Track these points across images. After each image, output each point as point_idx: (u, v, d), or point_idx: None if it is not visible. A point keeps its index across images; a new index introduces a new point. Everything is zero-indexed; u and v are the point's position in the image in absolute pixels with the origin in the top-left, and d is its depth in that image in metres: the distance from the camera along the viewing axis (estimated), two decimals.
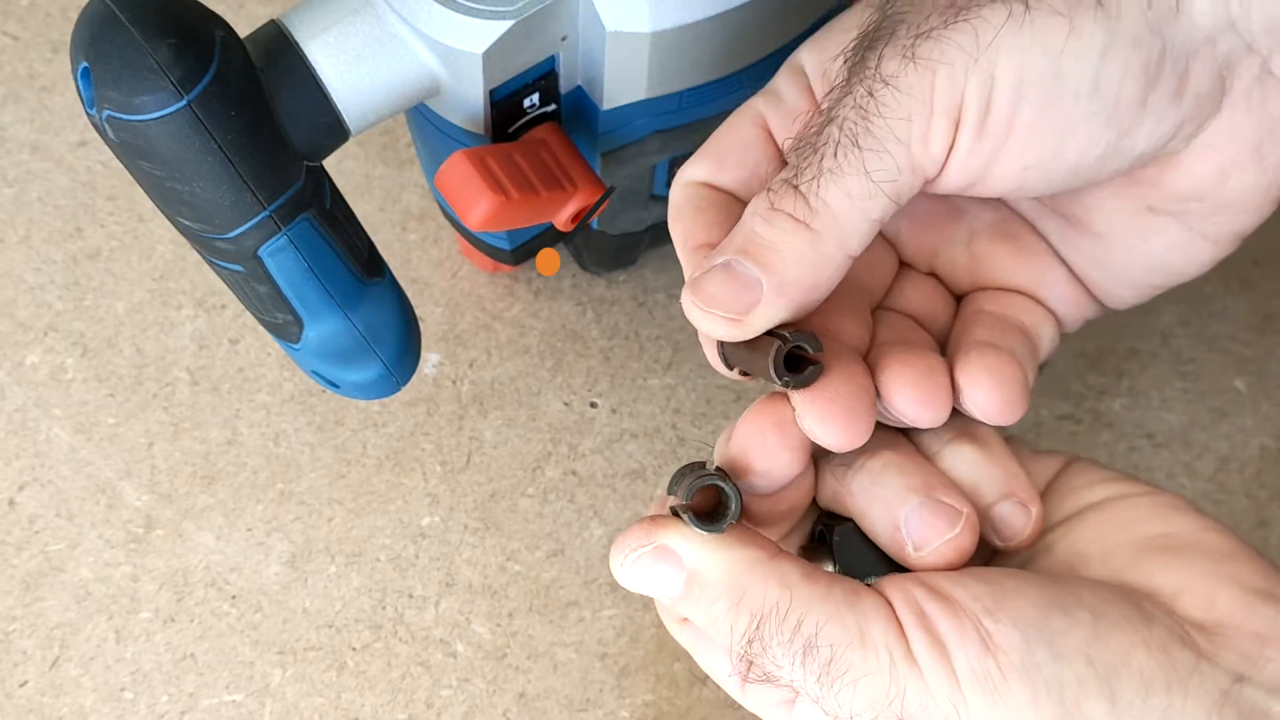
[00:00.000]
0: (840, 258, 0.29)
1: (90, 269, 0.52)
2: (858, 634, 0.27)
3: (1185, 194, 0.30)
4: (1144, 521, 0.31)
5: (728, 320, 0.29)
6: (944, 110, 0.27)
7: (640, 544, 0.30)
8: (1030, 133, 0.28)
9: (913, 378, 0.30)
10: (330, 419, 0.50)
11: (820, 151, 0.28)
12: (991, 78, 0.27)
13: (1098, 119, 0.27)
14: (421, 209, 0.53)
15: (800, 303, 0.29)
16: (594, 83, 0.37)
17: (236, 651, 0.46)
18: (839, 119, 0.28)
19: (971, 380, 0.30)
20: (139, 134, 0.30)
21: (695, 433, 0.50)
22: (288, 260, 0.33)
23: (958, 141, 0.28)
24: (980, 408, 0.30)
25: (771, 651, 0.28)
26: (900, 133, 0.28)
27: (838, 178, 0.28)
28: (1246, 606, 0.28)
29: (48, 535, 0.48)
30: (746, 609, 0.28)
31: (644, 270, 0.52)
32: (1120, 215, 0.31)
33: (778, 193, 0.29)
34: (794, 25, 0.38)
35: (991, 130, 0.28)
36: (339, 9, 0.33)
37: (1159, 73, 0.27)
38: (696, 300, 0.29)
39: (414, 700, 0.46)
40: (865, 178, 0.28)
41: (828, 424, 0.29)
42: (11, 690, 0.46)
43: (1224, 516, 0.49)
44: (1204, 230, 0.31)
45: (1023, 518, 0.31)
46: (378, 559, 0.48)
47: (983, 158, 0.28)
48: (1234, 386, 0.51)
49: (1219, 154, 0.29)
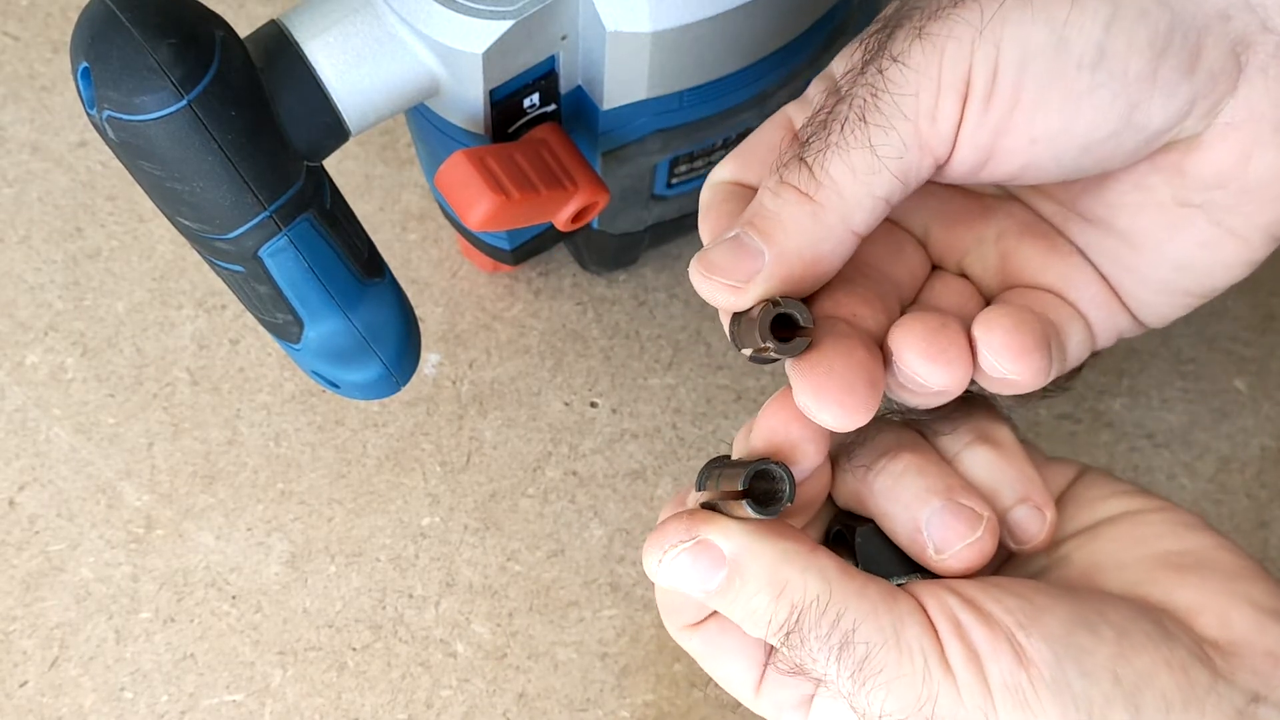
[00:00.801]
0: (842, 231, 0.29)
1: (90, 269, 0.52)
2: (893, 635, 0.28)
3: (1208, 180, 0.30)
4: (1159, 538, 0.31)
5: (727, 287, 0.29)
6: (951, 85, 0.28)
7: (681, 538, 0.29)
8: (1037, 103, 0.28)
9: (923, 332, 0.29)
10: (330, 419, 0.50)
11: (829, 127, 0.29)
12: (996, 49, 0.27)
13: (1105, 90, 0.28)
14: (421, 209, 0.53)
15: (800, 274, 0.29)
16: (594, 83, 0.37)
17: (236, 651, 0.46)
18: (850, 97, 0.28)
19: (988, 326, 0.29)
20: (139, 134, 0.30)
21: (695, 433, 0.50)
22: (288, 260, 0.33)
23: (966, 115, 0.28)
24: (997, 354, 0.29)
25: (808, 645, 0.28)
26: (907, 108, 0.28)
27: (843, 152, 0.28)
28: (1260, 626, 0.28)
29: (48, 535, 0.48)
30: (787, 601, 0.28)
31: (644, 270, 0.52)
32: (1145, 210, 0.31)
33: (786, 166, 0.29)
34: (794, 25, 0.38)
35: (997, 101, 0.28)
36: (339, 9, 0.33)
37: (1168, 45, 0.27)
38: (700, 267, 0.29)
39: (414, 700, 0.46)
40: (870, 152, 0.28)
41: (822, 399, 0.28)
42: (11, 690, 0.46)
43: (1224, 517, 0.49)
44: (1231, 225, 0.30)
45: (1038, 522, 0.31)
46: (378, 559, 0.48)
47: (990, 130, 0.28)
48: (1234, 386, 0.51)
49: (1239, 133, 0.29)
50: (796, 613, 0.28)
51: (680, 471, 0.49)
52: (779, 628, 0.29)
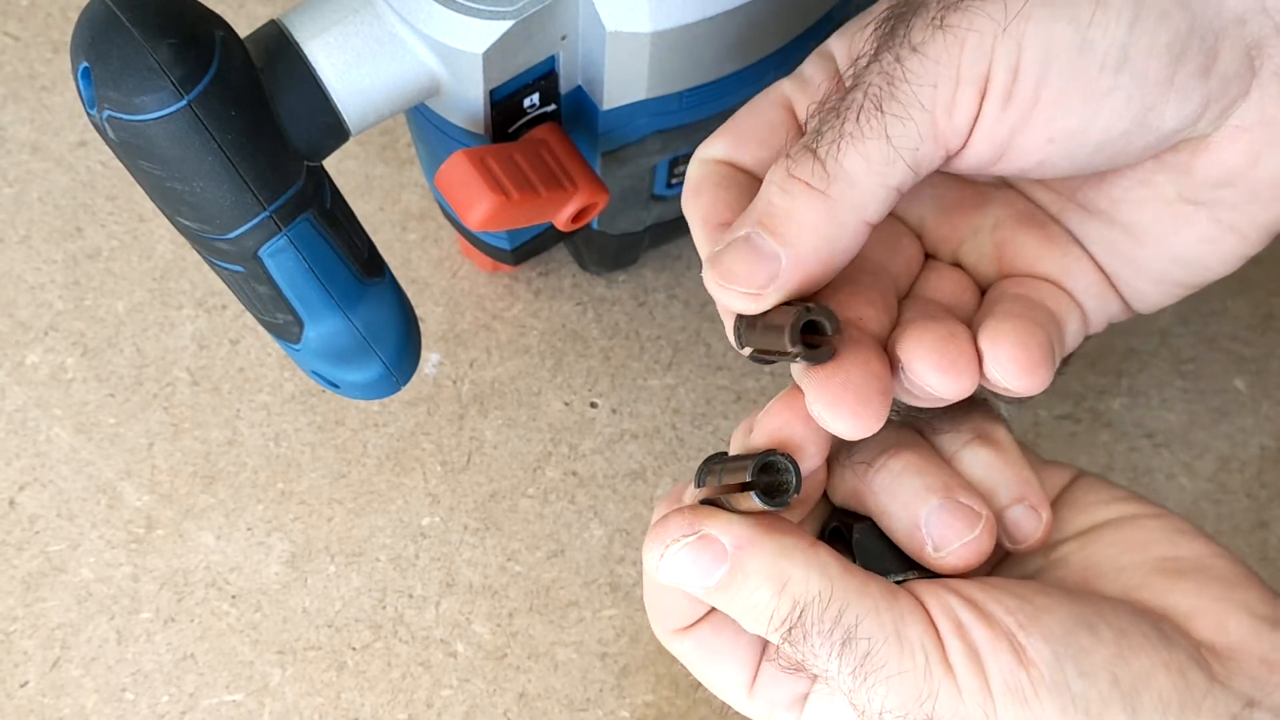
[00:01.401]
0: (857, 225, 0.28)
1: (90, 269, 0.52)
2: (895, 632, 0.28)
3: (1215, 180, 0.30)
4: (1155, 544, 0.31)
5: (746, 295, 0.29)
6: (970, 80, 0.27)
7: (683, 532, 0.29)
8: (1057, 103, 0.28)
9: (934, 343, 0.29)
10: (330, 419, 0.50)
11: (843, 116, 0.28)
12: (1019, 46, 0.27)
13: (1123, 92, 0.27)
14: (421, 209, 0.53)
15: (818, 274, 0.29)
16: (594, 83, 0.37)
17: (236, 651, 0.46)
18: (864, 84, 0.28)
19: (995, 340, 0.29)
20: (139, 134, 0.30)
21: (695, 433, 0.50)
22: (288, 260, 0.33)
23: (984, 111, 0.28)
24: (1004, 369, 0.29)
25: (810, 640, 0.28)
26: (925, 99, 0.27)
27: (858, 142, 0.28)
28: (1255, 633, 0.29)
29: (48, 535, 0.48)
30: (790, 596, 0.28)
31: (644, 270, 0.52)
32: (1149, 206, 0.31)
33: (795, 159, 0.29)
34: (794, 25, 0.38)
35: (1018, 99, 0.28)
36: (339, 9, 0.33)
37: (1186, 48, 0.27)
38: (716, 276, 0.29)
39: (414, 700, 0.46)
40: (886, 143, 0.27)
41: (838, 409, 0.28)
42: (12, 690, 0.46)
43: (1224, 516, 0.49)
44: (1233, 222, 0.30)
45: (1034, 521, 0.31)
46: (378, 559, 0.48)
47: (1008, 127, 0.28)
48: (1234, 386, 0.51)
49: (1249, 135, 0.29)
50: (799, 608, 0.28)
51: (680, 472, 0.49)
52: (780, 623, 0.28)
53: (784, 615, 0.28)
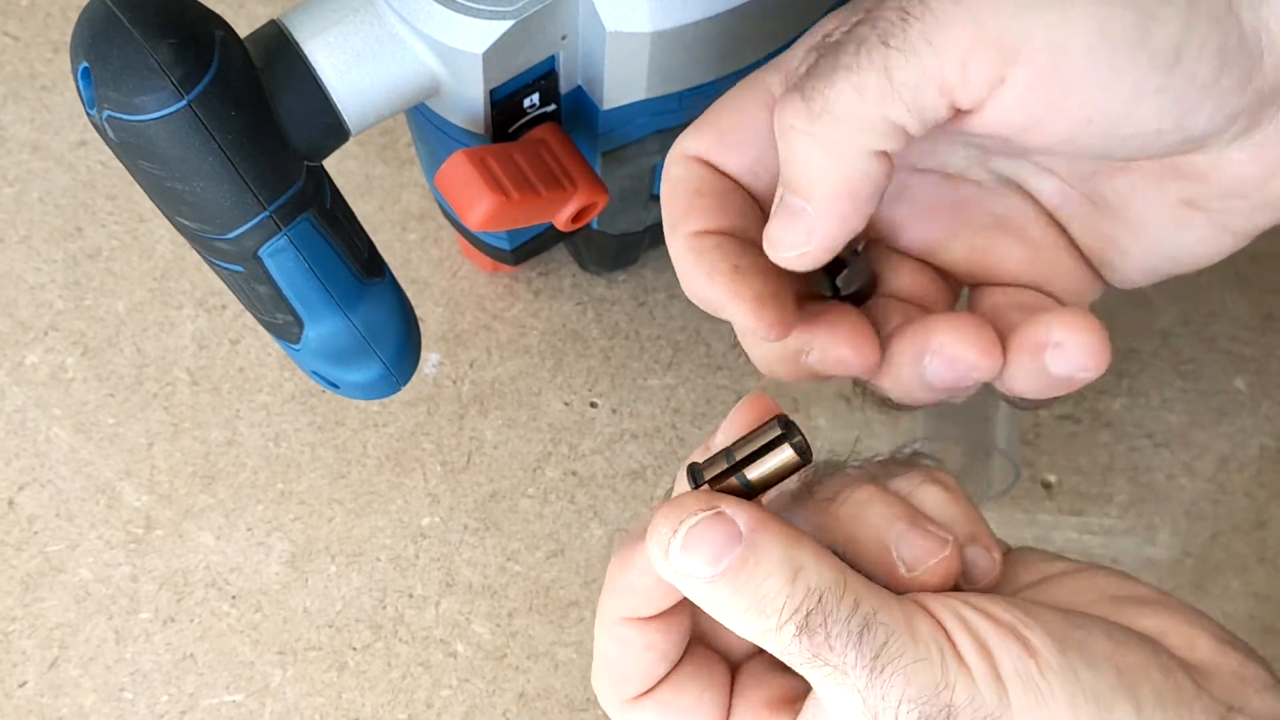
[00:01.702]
0: (861, 157, 0.28)
1: (90, 269, 0.52)
2: (906, 625, 0.28)
3: (1227, 191, 0.30)
4: (1109, 586, 0.31)
5: (793, 258, 0.29)
6: (991, 41, 0.26)
7: (700, 507, 0.28)
8: (1105, 86, 0.27)
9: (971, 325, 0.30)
10: (330, 419, 0.50)
11: (843, 47, 0.27)
12: (1069, 21, 0.26)
13: (1173, 92, 0.27)
14: (421, 209, 0.53)
15: (850, 215, 0.28)
16: (594, 83, 0.37)
17: (236, 651, 0.46)
18: (874, 20, 0.27)
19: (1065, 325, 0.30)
20: (139, 134, 0.30)
21: (695, 433, 0.50)
22: (288, 260, 0.33)
23: (1012, 78, 0.27)
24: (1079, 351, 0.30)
25: (829, 628, 0.28)
26: (938, 40, 0.26)
27: (851, 74, 0.27)
28: (1222, 652, 0.29)
29: (47, 535, 0.48)
30: (803, 584, 0.28)
31: (644, 270, 0.52)
32: (1156, 207, 0.31)
33: (784, 105, 0.28)
34: (794, 25, 0.38)
35: (1062, 75, 0.27)
36: (339, 9, 0.33)
37: (1232, 58, 0.27)
38: (766, 248, 0.30)
39: (414, 700, 0.46)
40: (884, 75, 0.27)
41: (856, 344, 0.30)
42: (11, 690, 0.46)
43: (1223, 516, 0.49)
44: (1230, 224, 0.31)
45: (988, 562, 0.32)
46: (378, 559, 0.48)
47: (1047, 101, 0.27)
48: (1234, 386, 0.51)
49: (1268, 153, 0.29)
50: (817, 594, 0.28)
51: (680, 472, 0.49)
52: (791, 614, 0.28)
53: (796, 604, 0.28)
